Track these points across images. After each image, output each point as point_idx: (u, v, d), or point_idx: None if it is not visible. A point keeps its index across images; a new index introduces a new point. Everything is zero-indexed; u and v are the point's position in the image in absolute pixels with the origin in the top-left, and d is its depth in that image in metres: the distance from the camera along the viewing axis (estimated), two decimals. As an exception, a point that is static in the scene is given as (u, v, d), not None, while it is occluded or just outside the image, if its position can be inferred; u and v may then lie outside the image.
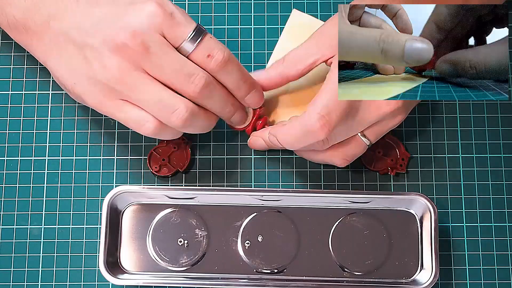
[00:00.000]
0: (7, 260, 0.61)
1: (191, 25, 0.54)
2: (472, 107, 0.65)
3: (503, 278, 0.61)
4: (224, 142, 0.64)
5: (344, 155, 0.57)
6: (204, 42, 0.53)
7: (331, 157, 0.58)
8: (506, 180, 0.63)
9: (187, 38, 0.53)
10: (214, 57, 0.53)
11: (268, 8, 0.67)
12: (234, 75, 0.55)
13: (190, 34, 0.53)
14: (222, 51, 0.54)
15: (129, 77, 0.52)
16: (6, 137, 0.64)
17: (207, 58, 0.53)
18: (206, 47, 0.54)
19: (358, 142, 0.57)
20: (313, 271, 0.60)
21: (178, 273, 0.60)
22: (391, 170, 0.62)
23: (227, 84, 0.56)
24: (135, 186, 0.61)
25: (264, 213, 0.61)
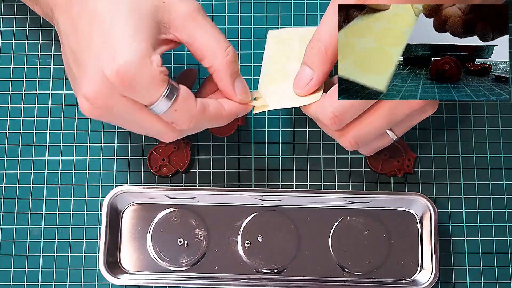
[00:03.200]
0: (7, 260, 0.61)
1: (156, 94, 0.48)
2: (472, 107, 0.65)
3: (503, 278, 0.61)
4: (224, 142, 0.64)
5: (370, 148, 0.57)
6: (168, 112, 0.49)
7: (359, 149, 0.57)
8: (506, 180, 0.63)
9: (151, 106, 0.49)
10: (177, 125, 0.51)
11: (268, 8, 0.67)
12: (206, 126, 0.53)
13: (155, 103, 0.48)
14: (186, 124, 0.50)
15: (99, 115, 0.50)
16: (6, 137, 0.64)
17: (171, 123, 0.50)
18: (170, 117, 0.49)
19: (386, 137, 0.56)
20: (313, 271, 0.60)
21: (178, 273, 0.60)
22: (399, 172, 0.62)
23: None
24: (135, 186, 0.61)
25: (264, 213, 0.61)
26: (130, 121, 0.50)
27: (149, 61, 0.47)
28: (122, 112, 0.49)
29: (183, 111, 0.50)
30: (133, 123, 0.51)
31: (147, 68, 0.47)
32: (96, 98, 0.47)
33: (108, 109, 0.48)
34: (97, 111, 0.48)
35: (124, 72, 0.46)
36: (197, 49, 0.51)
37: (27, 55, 0.65)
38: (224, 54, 0.51)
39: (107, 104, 0.48)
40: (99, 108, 0.48)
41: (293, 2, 0.67)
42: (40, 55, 0.65)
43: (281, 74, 0.57)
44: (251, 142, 0.64)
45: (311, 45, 0.53)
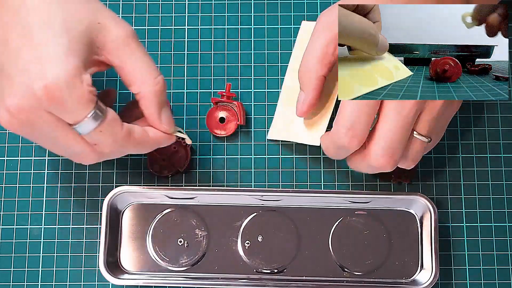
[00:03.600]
0: (7, 260, 0.61)
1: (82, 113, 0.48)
2: (472, 107, 0.65)
3: (503, 278, 0.61)
4: (224, 142, 0.64)
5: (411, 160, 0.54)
6: (92, 133, 0.49)
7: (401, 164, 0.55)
8: (506, 180, 0.63)
9: (76, 124, 0.48)
10: (99, 147, 0.50)
11: (268, 8, 0.67)
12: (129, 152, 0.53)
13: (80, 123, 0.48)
14: (108, 148, 0.50)
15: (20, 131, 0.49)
16: (6, 137, 0.64)
17: (94, 145, 0.50)
18: (93, 138, 0.49)
19: (416, 143, 0.54)
20: (313, 271, 0.60)
21: (178, 273, 0.60)
22: (395, 179, 0.62)
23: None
24: (135, 186, 0.61)
25: (264, 213, 0.61)
26: (50, 139, 0.50)
27: (79, 80, 0.47)
28: (45, 128, 0.48)
29: (108, 134, 0.50)
30: (53, 140, 0.50)
31: (76, 86, 0.47)
32: (20, 111, 0.47)
33: (30, 124, 0.48)
34: (17, 125, 0.48)
35: (53, 88, 0.46)
36: (127, 74, 0.51)
37: (27, 55, 0.65)
38: (153, 82, 0.52)
39: (29, 119, 0.48)
40: (20, 122, 0.48)
41: (293, 2, 0.67)
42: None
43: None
44: (251, 142, 0.64)
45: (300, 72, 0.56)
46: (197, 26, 0.66)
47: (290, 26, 0.66)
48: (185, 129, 0.64)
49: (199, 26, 0.66)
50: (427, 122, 0.53)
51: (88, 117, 0.48)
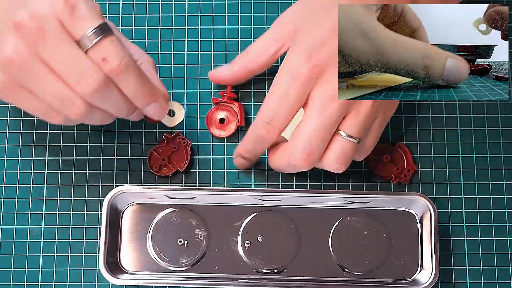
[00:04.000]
0: (7, 260, 0.61)
1: (94, 22, 0.50)
2: (472, 107, 0.65)
3: (503, 278, 0.61)
4: (224, 142, 0.64)
5: (334, 158, 0.55)
6: (102, 44, 0.50)
7: (324, 165, 0.56)
8: (506, 180, 0.63)
9: (86, 33, 0.49)
10: (108, 62, 0.50)
11: (268, 8, 0.67)
12: (131, 85, 0.51)
13: (90, 30, 0.49)
14: (119, 59, 0.50)
15: (26, 62, 0.49)
16: (6, 137, 0.64)
17: (102, 61, 0.50)
18: (103, 49, 0.50)
19: (342, 141, 0.54)
20: (313, 271, 0.60)
21: (178, 273, 0.60)
22: (394, 179, 0.62)
23: (124, 92, 0.52)
24: (135, 186, 0.61)
25: (264, 213, 0.61)
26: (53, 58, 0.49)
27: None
28: (52, 37, 0.49)
29: (119, 45, 0.50)
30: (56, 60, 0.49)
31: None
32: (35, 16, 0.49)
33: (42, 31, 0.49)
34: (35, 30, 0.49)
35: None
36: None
37: (27, 55, 0.65)
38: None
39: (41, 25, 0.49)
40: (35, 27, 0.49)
41: (293, 2, 0.67)
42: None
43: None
44: (251, 142, 0.64)
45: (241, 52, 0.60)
46: (197, 26, 0.66)
47: (290, 26, 0.66)
48: (185, 129, 0.64)
49: (199, 26, 0.66)
50: (354, 124, 0.54)
51: (99, 26, 0.49)
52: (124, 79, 0.51)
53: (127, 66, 0.50)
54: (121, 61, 0.50)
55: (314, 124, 0.53)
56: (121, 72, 0.50)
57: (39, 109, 0.51)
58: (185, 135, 0.63)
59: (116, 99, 0.52)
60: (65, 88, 0.50)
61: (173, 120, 0.63)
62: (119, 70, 0.50)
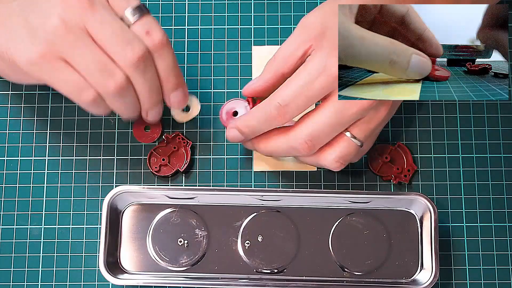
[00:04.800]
0: (7, 260, 0.61)
1: (134, 1, 0.53)
2: (472, 107, 0.65)
3: (503, 278, 0.61)
4: (224, 142, 0.64)
5: (336, 157, 0.56)
6: (146, 18, 0.53)
7: (323, 161, 0.57)
8: (506, 180, 0.63)
9: (129, 8, 0.53)
10: (152, 35, 0.53)
11: (268, 8, 0.67)
12: (167, 62, 0.54)
13: (132, 7, 0.53)
14: (162, 33, 0.53)
15: (72, 32, 0.51)
16: (6, 137, 0.64)
17: (145, 35, 0.53)
18: (147, 23, 0.53)
19: (347, 142, 0.56)
20: (313, 271, 0.60)
21: (178, 273, 0.60)
22: (394, 179, 0.62)
23: (158, 70, 0.55)
24: (135, 186, 0.61)
25: (264, 213, 0.61)
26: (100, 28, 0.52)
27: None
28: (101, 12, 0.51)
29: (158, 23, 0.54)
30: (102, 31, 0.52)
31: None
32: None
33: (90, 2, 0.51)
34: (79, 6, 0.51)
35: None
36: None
37: (27, 55, 0.65)
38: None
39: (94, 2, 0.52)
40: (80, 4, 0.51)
41: (293, 2, 0.67)
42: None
43: None
44: (251, 142, 0.64)
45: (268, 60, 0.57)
46: (197, 26, 0.66)
47: (290, 26, 0.66)
48: (185, 129, 0.64)
49: (199, 26, 0.66)
50: (363, 129, 0.56)
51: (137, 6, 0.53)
52: (163, 55, 0.54)
53: (168, 42, 0.54)
54: (163, 36, 0.53)
55: (328, 119, 0.54)
56: (162, 47, 0.53)
57: (73, 84, 0.53)
58: (185, 135, 0.63)
59: (151, 77, 0.54)
60: (107, 59, 0.52)
61: (187, 115, 0.62)
62: (161, 45, 0.53)
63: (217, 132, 0.64)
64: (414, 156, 0.63)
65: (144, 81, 0.54)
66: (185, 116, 0.62)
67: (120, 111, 0.56)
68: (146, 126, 0.63)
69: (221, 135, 0.64)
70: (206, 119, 0.64)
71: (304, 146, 0.55)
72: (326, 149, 0.56)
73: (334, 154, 0.56)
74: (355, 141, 0.56)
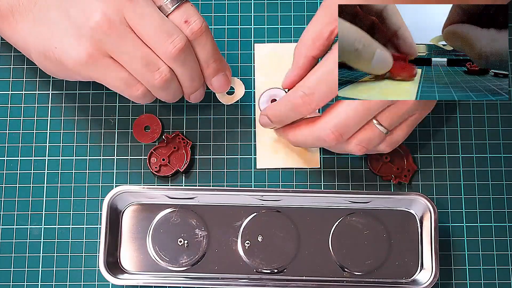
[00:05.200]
0: (7, 260, 0.61)
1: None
2: (472, 107, 0.65)
3: (503, 278, 0.61)
4: (224, 142, 0.64)
5: (358, 140, 0.55)
6: (184, 7, 0.54)
7: (347, 145, 0.56)
8: (506, 180, 0.63)
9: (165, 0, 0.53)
10: (191, 24, 0.53)
11: (268, 8, 0.67)
12: (207, 49, 0.55)
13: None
14: (200, 21, 0.54)
15: (115, 27, 0.52)
16: (6, 137, 0.64)
17: (184, 23, 0.53)
18: (186, 12, 0.54)
19: (372, 128, 0.55)
20: (313, 271, 0.60)
21: (178, 273, 0.60)
22: (394, 179, 0.62)
23: (198, 57, 0.56)
24: (135, 186, 0.61)
25: (264, 213, 0.61)
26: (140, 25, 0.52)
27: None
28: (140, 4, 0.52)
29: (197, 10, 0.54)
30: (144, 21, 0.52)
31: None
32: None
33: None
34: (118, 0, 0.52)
35: None
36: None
37: (27, 55, 0.65)
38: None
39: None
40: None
41: (293, 2, 0.67)
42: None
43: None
44: (251, 142, 0.64)
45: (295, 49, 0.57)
46: (197, 26, 0.66)
47: (290, 26, 0.66)
48: (185, 129, 0.64)
49: (199, 26, 0.66)
50: (390, 116, 0.55)
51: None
52: (202, 43, 0.54)
53: (207, 28, 0.54)
54: (202, 23, 0.53)
55: (356, 109, 0.53)
56: (202, 34, 0.54)
57: (122, 79, 0.54)
58: (185, 135, 0.63)
59: (192, 66, 0.55)
60: (151, 53, 0.53)
61: (231, 97, 0.61)
62: (200, 32, 0.54)
63: (217, 132, 0.64)
64: (414, 156, 0.63)
65: (185, 70, 0.55)
66: (230, 99, 0.61)
67: (164, 99, 0.57)
68: (146, 126, 0.63)
69: (221, 135, 0.64)
70: (206, 119, 0.64)
71: (331, 137, 0.54)
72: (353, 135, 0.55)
73: (358, 139, 0.55)
74: (380, 128, 0.55)
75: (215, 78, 0.57)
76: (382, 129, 0.55)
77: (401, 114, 0.55)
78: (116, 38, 0.52)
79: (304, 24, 0.66)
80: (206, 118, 0.64)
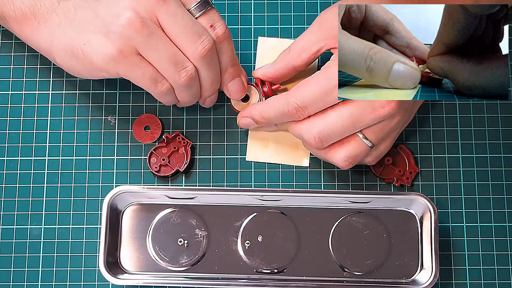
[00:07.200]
0: (7, 260, 0.61)
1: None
2: (472, 107, 0.65)
3: (503, 278, 0.61)
4: (224, 142, 0.64)
5: (345, 156, 0.56)
6: (210, 12, 0.56)
7: (332, 157, 0.57)
8: (506, 180, 0.63)
9: (195, 3, 0.55)
10: (216, 29, 0.55)
11: (268, 8, 0.67)
12: (228, 54, 0.57)
13: (198, 1, 0.55)
14: (224, 27, 0.56)
15: (145, 25, 0.53)
16: (6, 137, 0.64)
17: (209, 27, 0.55)
18: (211, 17, 0.55)
19: (358, 143, 0.56)
20: (313, 271, 0.60)
21: (178, 273, 0.60)
22: (397, 181, 0.62)
23: (220, 61, 0.57)
24: (135, 186, 0.61)
25: (264, 213, 0.61)
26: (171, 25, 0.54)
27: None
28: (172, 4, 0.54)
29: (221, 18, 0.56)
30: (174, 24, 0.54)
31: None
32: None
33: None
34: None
35: None
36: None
37: (27, 55, 0.65)
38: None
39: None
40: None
41: (293, 2, 0.67)
42: (40, 55, 0.65)
43: None
44: (251, 142, 0.64)
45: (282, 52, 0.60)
46: (197, 26, 0.66)
47: (290, 26, 0.66)
48: (185, 129, 0.64)
49: (199, 26, 0.66)
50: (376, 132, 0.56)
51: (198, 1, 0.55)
52: (225, 47, 0.57)
53: (229, 34, 0.56)
54: (226, 29, 0.55)
55: (342, 122, 0.55)
56: (225, 39, 0.56)
57: (150, 76, 0.55)
58: (185, 135, 0.63)
59: (215, 68, 0.57)
60: (179, 52, 0.54)
61: (246, 105, 0.61)
62: (224, 37, 0.56)
63: (217, 132, 0.64)
64: (414, 157, 0.63)
65: (209, 72, 0.56)
66: (244, 106, 0.61)
67: (184, 100, 0.58)
68: (146, 126, 0.63)
69: (221, 135, 0.64)
70: (206, 119, 0.64)
71: (313, 141, 0.56)
72: (336, 147, 0.57)
73: (343, 153, 0.57)
74: (366, 142, 0.56)
75: (232, 82, 0.59)
76: (368, 143, 0.56)
77: (386, 132, 0.56)
78: (147, 37, 0.53)
79: (304, 24, 0.66)
80: (206, 118, 0.64)
